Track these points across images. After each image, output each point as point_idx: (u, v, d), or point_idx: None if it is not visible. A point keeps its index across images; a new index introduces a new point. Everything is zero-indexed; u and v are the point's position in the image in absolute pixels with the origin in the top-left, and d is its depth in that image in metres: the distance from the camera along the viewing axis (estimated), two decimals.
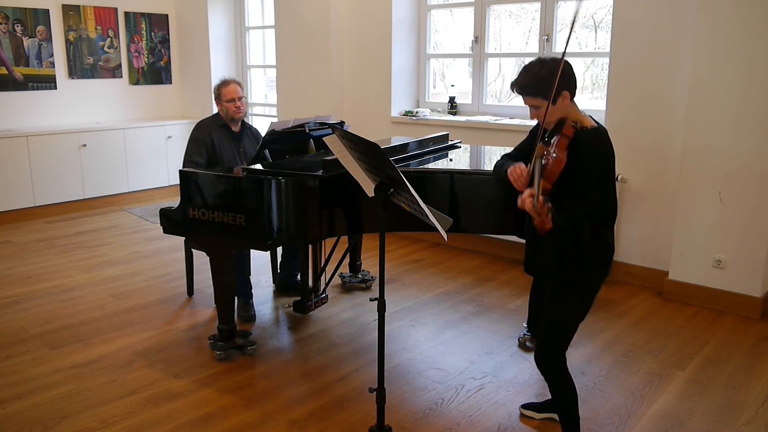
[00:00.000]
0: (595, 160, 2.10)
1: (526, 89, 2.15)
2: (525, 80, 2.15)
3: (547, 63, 2.13)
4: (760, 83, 3.48)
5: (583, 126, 2.14)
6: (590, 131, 2.14)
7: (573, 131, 2.09)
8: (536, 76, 2.12)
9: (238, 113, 3.64)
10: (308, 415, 2.70)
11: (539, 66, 2.13)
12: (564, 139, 2.07)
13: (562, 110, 2.15)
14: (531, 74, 2.14)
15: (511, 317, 3.71)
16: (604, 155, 2.13)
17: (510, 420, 2.67)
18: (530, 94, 2.15)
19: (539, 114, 2.16)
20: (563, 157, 2.03)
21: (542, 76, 2.10)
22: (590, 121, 2.19)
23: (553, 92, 2.06)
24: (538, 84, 2.11)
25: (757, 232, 3.62)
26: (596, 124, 2.19)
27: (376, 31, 5.39)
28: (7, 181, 5.76)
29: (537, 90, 2.12)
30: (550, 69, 2.10)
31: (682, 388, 2.92)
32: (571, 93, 2.15)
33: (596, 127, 2.17)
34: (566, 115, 2.16)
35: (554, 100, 2.10)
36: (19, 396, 2.84)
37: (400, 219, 2.82)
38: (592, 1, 4.71)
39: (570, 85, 2.15)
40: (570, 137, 2.08)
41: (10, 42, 5.96)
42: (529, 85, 2.14)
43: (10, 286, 4.23)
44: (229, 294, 3.18)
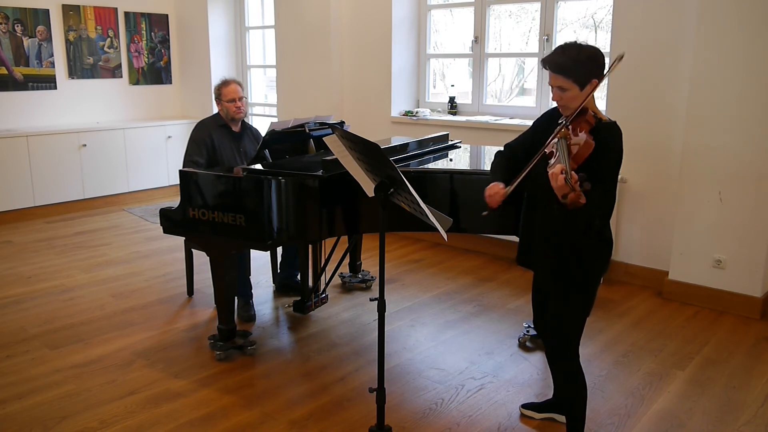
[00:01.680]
0: (613, 153, 2.13)
1: (560, 68, 2.12)
2: (561, 59, 2.12)
3: (585, 48, 2.13)
4: (760, 83, 3.48)
5: (600, 119, 2.16)
6: (611, 124, 2.15)
7: (594, 120, 2.11)
8: (573, 59, 2.11)
9: (238, 113, 3.64)
10: (308, 415, 2.70)
11: (577, 49, 2.12)
12: (587, 126, 2.08)
13: (585, 98, 2.14)
14: (568, 55, 2.11)
15: (511, 317, 3.71)
16: (620, 150, 2.16)
17: (510, 420, 2.67)
18: (562, 73, 2.12)
19: (564, 96, 2.15)
20: (592, 141, 2.03)
21: (579, 59, 2.10)
22: (605, 116, 2.20)
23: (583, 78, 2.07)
24: (574, 66, 2.10)
25: (757, 232, 3.62)
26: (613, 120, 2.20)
27: (376, 31, 5.39)
28: (7, 181, 5.75)
29: (570, 71, 2.11)
30: (588, 54, 2.11)
31: (682, 388, 2.92)
32: (598, 83, 2.15)
33: (614, 122, 2.18)
34: (587, 103, 2.16)
35: (583, 85, 2.11)
36: (19, 396, 2.84)
37: (400, 219, 2.82)
38: (592, 1, 4.71)
39: (599, 76, 2.15)
40: (592, 125, 2.09)
41: (10, 42, 5.96)
42: (564, 65, 2.11)
43: (10, 286, 4.23)
44: (229, 294, 3.18)
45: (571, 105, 2.15)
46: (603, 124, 2.14)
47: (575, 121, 2.11)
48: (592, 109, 2.16)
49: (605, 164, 2.10)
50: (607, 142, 2.09)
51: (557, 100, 2.19)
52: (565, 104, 2.17)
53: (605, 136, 2.10)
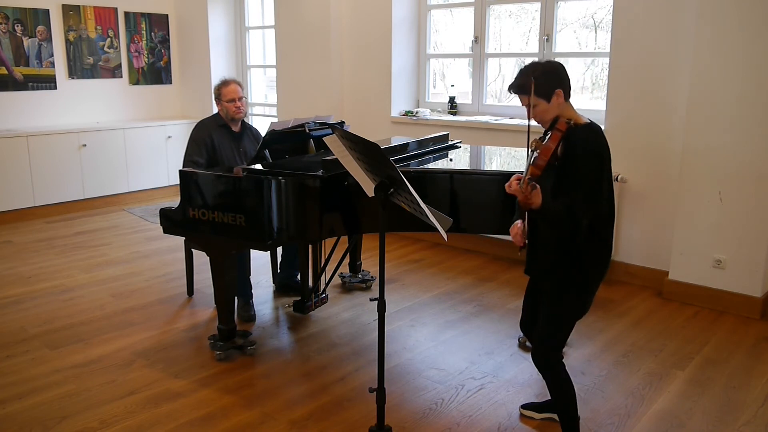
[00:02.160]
0: (588, 154, 2.17)
1: (522, 88, 2.26)
2: (520, 81, 2.26)
3: (542, 64, 2.28)
4: (760, 83, 3.48)
5: (577, 123, 2.22)
6: (583, 127, 2.22)
7: (566, 126, 2.19)
8: (530, 76, 2.22)
9: (238, 113, 3.64)
10: (308, 415, 2.70)
11: (533, 67, 2.27)
12: (557, 133, 2.17)
13: (556, 108, 2.25)
14: (525, 75, 2.25)
15: (511, 317, 3.71)
16: (597, 150, 2.21)
17: (510, 420, 2.67)
18: (526, 92, 2.24)
19: (536, 111, 2.26)
20: (552, 146, 2.14)
21: (536, 75, 2.22)
22: (584, 119, 2.27)
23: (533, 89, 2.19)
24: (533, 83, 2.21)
25: (757, 232, 3.62)
26: (589, 121, 2.27)
27: (376, 31, 5.39)
28: (7, 181, 5.75)
29: (530, 89, 2.21)
30: (543, 69, 2.24)
31: (682, 388, 2.92)
32: (564, 91, 2.25)
33: (589, 123, 2.25)
34: (561, 113, 2.25)
35: (548, 97, 2.22)
36: (19, 396, 2.84)
37: (400, 219, 2.82)
38: (592, 1, 4.71)
39: (563, 84, 2.25)
40: (563, 131, 2.17)
41: (10, 42, 5.96)
42: (525, 84, 2.23)
43: (10, 286, 4.23)
44: (229, 294, 3.18)
45: (546, 118, 2.27)
46: (575, 127, 2.20)
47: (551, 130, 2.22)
48: (568, 116, 2.25)
49: (579, 167, 2.16)
50: (575, 145, 2.16)
51: (533, 117, 2.30)
52: (541, 119, 2.29)
53: (575, 139, 2.17)
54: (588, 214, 2.18)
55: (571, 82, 2.29)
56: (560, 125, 2.19)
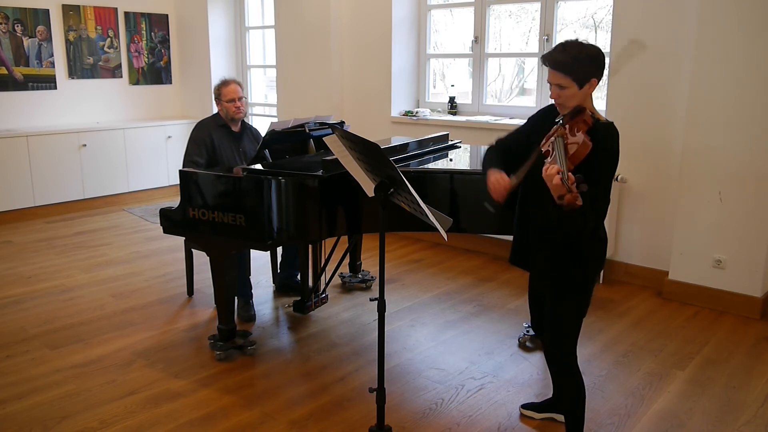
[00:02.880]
0: (610, 154, 2.12)
1: (560, 65, 2.10)
2: (561, 56, 2.10)
3: (587, 47, 2.11)
4: (760, 83, 3.48)
5: (598, 119, 2.15)
6: (608, 125, 2.15)
7: (592, 121, 2.10)
8: (574, 57, 2.09)
9: (238, 113, 3.64)
10: (308, 415, 2.70)
11: (579, 47, 2.10)
12: (584, 126, 2.06)
13: (582, 97, 2.14)
14: (569, 53, 2.10)
15: (511, 317, 3.71)
16: (617, 151, 2.15)
17: (510, 420, 2.67)
18: (562, 71, 2.10)
19: (562, 94, 2.13)
20: (589, 142, 2.01)
21: (580, 58, 2.09)
22: (602, 116, 2.20)
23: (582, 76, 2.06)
24: (574, 64, 2.08)
25: (757, 232, 3.62)
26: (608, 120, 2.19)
27: (376, 31, 5.39)
28: (7, 181, 5.75)
29: (570, 69, 2.09)
30: (589, 53, 2.10)
31: (682, 388, 2.92)
32: (597, 82, 2.15)
33: (611, 122, 2.17)
34: (584, 103, 2.15)
35: (582, 84, 2.10)
36: (19, 396, 2.84)
37: (400, 219, 2.82)
38: (592, 1, 4.71)
39: (599, 75, 2.14)
40: (590, 125, 2.07)
41: (10, 42, 5.96)
42: (564, 62, 2.09)
43: (10, 286, 4.23)
44: (229, 294, 3.18)
45: (569, 104, 2.14)
46: (600, 124, 2.13)
47: (572, 120, 2.10)
48: (590, 108, 2.16)
49: (601, 165, 2.09)
50: (605, 142, 2.08)
51: (555, 98, 2.17)
52: (563, 102, 2.16)
53: (603, 136, 2.08)
54: (598, 213, 2.14)
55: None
56: (587, 118, 2.08)
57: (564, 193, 1.88)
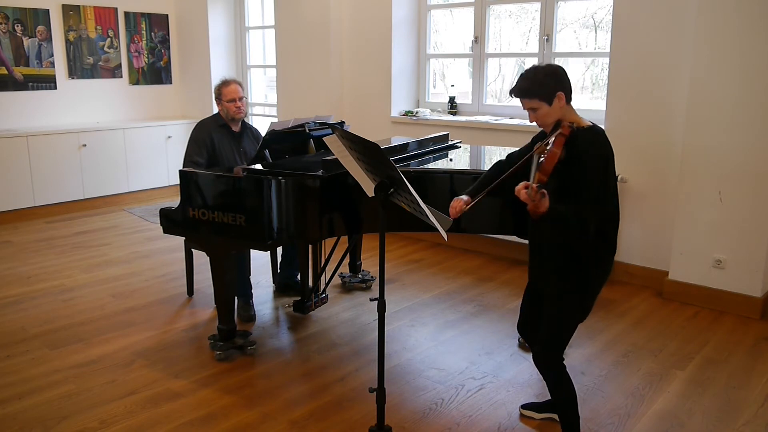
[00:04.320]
0: (594, 157, 2.17)
1: (524, 92, 2.25)
2: (523, 84, 2.26)
3: (541, 68, 2.28)
4: (760, 83, 3.48)
5: (579, 125, 2.22)
6: (587, 129, 2.22)
7: (570, 130, 2.17)
8: (531, 80, 2.24)
9: (238, 113, 3.64)
10: (308, 415, 2.70)
11: (534, 70, 2.27)
12: (561, 137, 2.15)
13: (557, 112, 2.24)
14: (527, 78, 2.26)
15: (511, 317, 3.71)
16: (603, 152, 2.20)
17: (510, 420, 2.67)
18: (527, 96, 2.24)
19: (538, 115, 2.26)
20: (557, 151, 2.12)
21: (537, 78, 2.23)
22: (586, 122, 2.27)
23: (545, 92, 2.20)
24: (534, 86, 2.22)
25: (757, 232, 3.62)
26: (591, 124, 2.26)
27: (376, 31, 5.39)
28: (7, 181, 5.75)
29: (533, 92, 2.23)
30: (545, 72, 2.25)
31: (682, 388, 2.92)
32: (565, 94, 2.25)
33: (592, 125, 2.25)
34: (562, 116, 2.25)
35: (550, 101, 2.22)
36: (19, 396, 2.84)
37: (400, 219, 2.82)
38: (592, 1, 4.71)
39: (564, 87, 2.25)
40: (567, 135, 2.16)
41: (10, 42, 5.96)
42: (525, 87, 2.24)
43: (10, 286, 4.23)
44: (229, 294, 3.18)
45: (548, 121, 2.27)
46: (579, 131, 2.19)
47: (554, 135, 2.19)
48: (570, 119, 2.24)
49: (587, 170, 2.15)
50: (582, 148, 2.15)
51: (534, 120, 2.30)
52: (542, 122, 2.29)
53: (579, 143, 2.16)
54: (596, 216, 2.19)
55: (571, 84, 2.29)
56: (564, 129, 2.17)
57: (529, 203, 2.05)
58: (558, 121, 2.23)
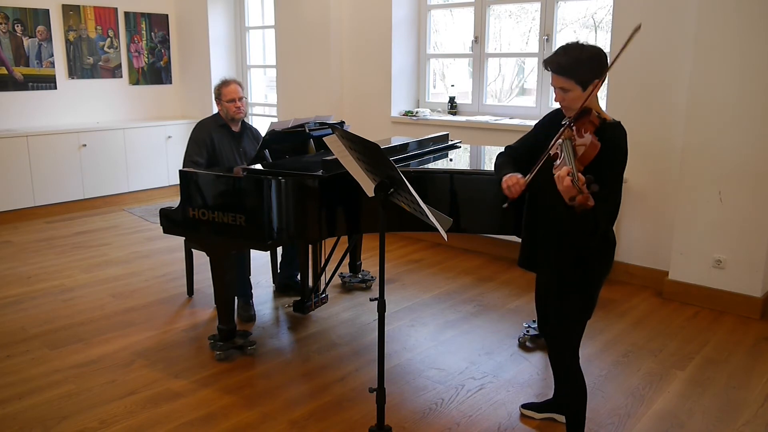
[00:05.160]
0: (619, 154, 2.11)
1: (562, 69, 2.10)
2: (563, 60, 2.10)
3: (587, 48, 2.10)
4: (760, 83, 3.48)
5: (604, 119, 2.14)
6: (615, 125, 2.14)
7: (599, 121, 2.09)
8: (575, 59, 2.08)
9: (238, 113, 3.64)
10: (308, 415, 2.70)
11: (579, 49, 2.09)
12: (591, 127, 2.06)
13: (586, 98, 2.13)
14: (570, 55, 2.09)
15: (511, 317, 3.71)
16: (626, 150, 2.14)
17: (510, 420, 2.67)
18: (564, 74, 2.10)
19: (566, 97, 2.13)
20: (597, 142, 2.01)
21: (581, 60, 2.08)
22: (609, 116, 2.18)
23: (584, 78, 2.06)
24: (575, 67, 2.08)
25: (757, 232, 3.62)
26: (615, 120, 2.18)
27: (376, 31, 5.39)
28: (7, 181, 5.75)
29: (572, 72, 2.08)
30: (589, 54, 2.09)
31: (682, 388, 2.92)
32: (601, 83, 2.13)
33: (619, 122, 2.16)
34: (590, 104, 2.14)
35: (586, 86, 2.10)
36: (19, 396, 2.84)
37: (400, 219, 2.82)
38: (592, 1, 4.71)
39: (602, 76, 2.13)
40: (597, 126, 2.07)
41: (10, 42, 5.96)
42: (567, 65, 2.09)
43: (10, 286, 4.23)
44: (229, 294, 3.18)
45: (574, 106, 2.14)
46: (607, 124, 2.12)
47: (579, 121, 2.10)
48: (596, 109, 2.15)
49: (611, 165, 2.08)
50: (613, 142, 2.07)
51: (560, 101, 2.18)
52: (568, 105, 2.16)
53: (610, 136, 2.08)
54: (608, 213, 2.12)
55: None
56: (594, 119, 2.07)
57: (575, 194, 1.88)
58: (585, 108, 2.11)
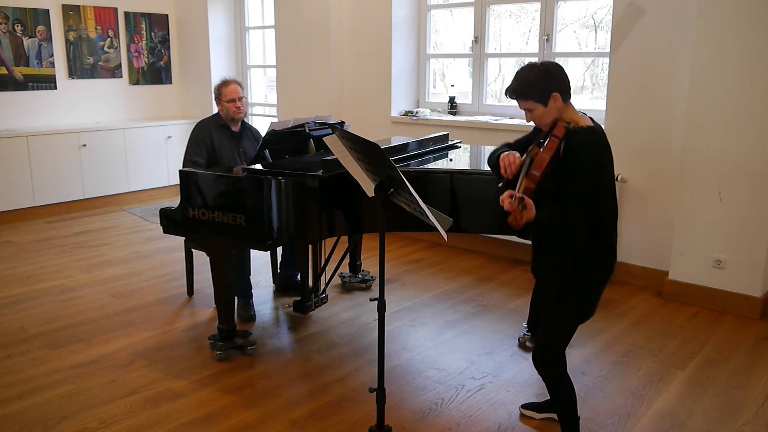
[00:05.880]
0: (587, 159, 2.11)
1: (518, 93, 2.21)
2: (516, 84, 2.21)
3: (536, 66, 2.21)
4: (760, 83, 3.48)
5: (577, 125, 2.16)
6: (583, 130, 2.15)
7: (564, 131, 2.13)
8: (525, 80, 2.18)
9: (238, 113, 3.64)
10: (308, 415, 2.70)
11: (528, 70, 2.20)
12: (554, 140, 2.12)
13: (554, 112, 2.19)
14: (521, 78, 2.20)
15: (511, 317, 3.71)
16: (596, 154, 2.14)
17: (510, 420, 2.67)
18: (521, 97, 2.20)
19: (534, 116, 2.22)
20: (546, 157, 2.09)
21: (531, 79, 2.17)
22: (586, 120, 2.20)
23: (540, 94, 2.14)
24: (528, 87, 2.17)
25: (757, 232, 3.62)
26: (592, 124, 2.20)
27: (376, 31, 5.39)
28: (7, 181, 5.75)
29: (527, 94, 2.18)
30: (538, 72, 2.18)
31: (682, 388, 2.92)
32: (562, 94, 2.18)
33: (590, 126, 2.18)
34: (560, 116, 2.19)
35: (545, 102, 2.16)
36: (19, 396, 2.84)
37: (400, 219, 2.82)
38: (592, 1, 4.71)
39: (560, 87, 2.18)
40: (560, 138, 2.12)
41: (10, 42, 5.96)
42: (520, 88, 2.20)
43: (10, 286, 4.23)
44: (229, 294, 3.18)
45: (545, 122, 2.22)
46: (575, 131, 2.14)
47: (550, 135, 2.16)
48: (568, 119, 2.18)
49: (579, 172, 2.10)
50: (576, 149, 2.10)
51: (530, 121, 2.26)
52: (538, 123, 2.25)
53: (573, 144, 2.11)
54: (584, 219, 2.12)
55: (570, 83, 2.22)
56: (557, 131, 2.12)
57: (511, 212, 2.01)
58: (555, 121, 2.18)
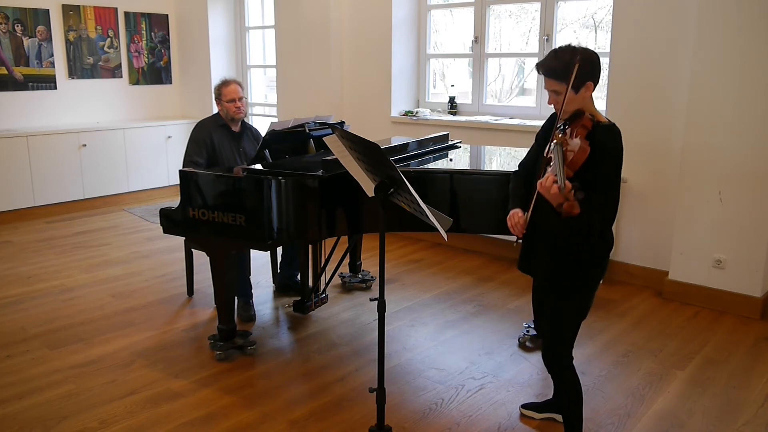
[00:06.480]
0: (612, 157, 2.09)
1: (554, 72, 2.10)
2: (553, 63, 2.10)
3: (578, 50, 2.09)
4: (760, 83, 3.48)
5: (599, 121, 2.13)
6: (608, 126, 2.13)
7: (591, 124, 2.08)
8: (566, 62, 2.07)
9: (238, 113, 3.64)
10: (308, 415, 2.70)
11: (571, 52, 2.08)
12: (583, 131, 2.04)
13: (581, 101, 2.13)
14: (561, 59, 2.09)
15: (511, 317, 3.71)
16: (619, 153, 2.13)
17: (510, 420, 2.67)
18: (556, 77, 2.10)
19: (559, 100, 2.12)
20: (587, 147, 2.00)
21: (573, 62, 2.05)
22: (604, 117, 2.18)
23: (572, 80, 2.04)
24: (567, 70, 2.06)
25: (757, 232, 3.62)
26: (610, 122, 2.17)
27: (376, 31, 5.39)
28: (7, 181, 5.75)
29: (564, 75, 2.07)
30: (581, 57, 2.07)
31: (682, 388, 2.92)
32: (594, 85, 2.13)
33: (612, 123, 2.16)
34: (584, 106, 2.14)
35: (577, 88, 2.09)
36: (19, 396, 2.84)
37: (400, 219, 2.82)
38: (592, 1, 4.71)
39: (595, 77, 2.13)
40: (589, 129, 2.06)
41: (10, 42, 5.96)
42: (558, 68, 2.09)
43: (10, 286, 4.23)
44: (229, 294, 3.18)
45: (567, 109, 2.13)
46: (600, 126, 2.11)
47: (572, 125, 2.09)
48: (590, 111, 2.14)
49: (604, 168, 2.07)
50: (604, 145, 2.06)
51: (553, 104, 2.18)
52: (561, 108, 2.15)
53: (602, 139, 2.07)
54: (601, 216, 2.11)
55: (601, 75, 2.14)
56: (586, 122, 2.05)
57: (562, 201, 1.89)
58: (578, 110, 2.12)
